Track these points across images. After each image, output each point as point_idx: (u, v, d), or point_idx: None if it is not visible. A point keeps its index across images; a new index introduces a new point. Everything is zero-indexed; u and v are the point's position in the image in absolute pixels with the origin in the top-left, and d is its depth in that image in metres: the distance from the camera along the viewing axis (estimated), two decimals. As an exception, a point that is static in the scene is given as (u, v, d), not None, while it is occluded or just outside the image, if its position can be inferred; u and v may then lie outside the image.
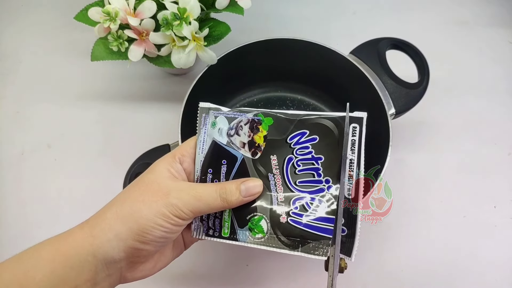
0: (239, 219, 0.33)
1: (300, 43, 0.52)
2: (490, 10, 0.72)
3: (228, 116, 0.35)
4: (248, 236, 0.32)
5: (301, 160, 0.33)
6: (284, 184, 0.32)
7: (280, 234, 0.32)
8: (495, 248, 0.52)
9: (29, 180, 0.56)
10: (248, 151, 0.33)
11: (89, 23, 0.50)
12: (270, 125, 0.33)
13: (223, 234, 0.33)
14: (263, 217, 0.32)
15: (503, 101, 0.63)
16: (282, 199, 0.32)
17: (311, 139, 0.33)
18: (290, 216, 0.32)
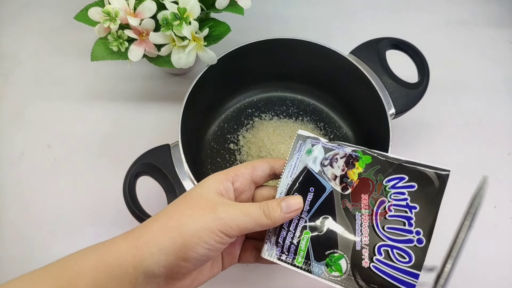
0: (317, 252, 0.31)
1: (300, 43, 0.52)
2: (490, 10, 0.73)
3: (326, 146, 0.34)
4: (324, 271, 0.31)
5: (394, 205, 0.31)
6: (371, 227, 0.31)
7: (359, 278, 0.30)
8: (495, 248, 0.52)
9: (29, 180, 0.56)
10: (339, 184, 0.32)
11: (89, 23, 0.50)
12: (368, 164, 0.32)
13: (296, 263, 0.32)
14: (344, 256, 0.30)
15: (503, 101, 0.63)
16: (366, 242, 0.31)
17: (409, 186, 0.32)
18: (373, 262, 0.30)
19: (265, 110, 0.59)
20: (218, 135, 0.57)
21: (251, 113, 0.59)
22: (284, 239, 0.32)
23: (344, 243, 0.31)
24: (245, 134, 0.57)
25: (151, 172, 0.44)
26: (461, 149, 0.59)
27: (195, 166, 0.52)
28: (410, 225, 0.31)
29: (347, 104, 0.57)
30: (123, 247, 0.28)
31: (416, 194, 0.31)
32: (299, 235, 0.32)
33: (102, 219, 0.53)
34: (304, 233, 0.32)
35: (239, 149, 0.56)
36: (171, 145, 0.46)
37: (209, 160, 0.55)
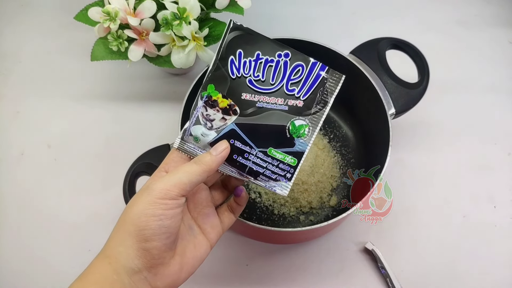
0: (286, 143, 0.34)
1: (300, 43, 0.52)
2: (490, 10, 0.73)
3: (194, 123, 0.35)
4: (303, 141, 0.35)
5: (254, 71, 0.35)
6: (273, 94, 0.34)
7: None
8: (495, 248, 0.52)
9: (29, 180, 0.56)
10: (230, 116, 0.34)
11: (89, 23, 0.50)
12: (216, 88, 0.34)
13: (293, 164, 0.35)
14: (302, 123, 0.35)
15: (503, 101, 0.63)
16: (283, 101, 0.35)
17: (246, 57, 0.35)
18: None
19: (265, 110, 0.59)
20: (218, 135, 0.57)
21: (251, 113, 0.59)
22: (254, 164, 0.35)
23: (281, 120, 0.34)
24: (245, 134, 0.57)
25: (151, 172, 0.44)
26: (461, 149, 0.59)
27: (195, 166, 0.52)
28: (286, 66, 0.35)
29: (347, 104, 0.57)
30: (97, 263, 0.29)
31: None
32: (266, 158, 0.34)
33: (101, 219, 0.53)
34: (269, 151, 0.34)
35: (239, 149, 0.56)
36: (171, 145, 0.46)
37: (209, 160, 0.55)
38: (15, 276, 0.50)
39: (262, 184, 0.35)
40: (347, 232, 0.52)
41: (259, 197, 0.52)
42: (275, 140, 0.34)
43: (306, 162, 0.52)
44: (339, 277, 0.50)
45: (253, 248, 0.51)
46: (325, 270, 0.50)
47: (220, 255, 0.51)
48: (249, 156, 0.34)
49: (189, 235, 0.33)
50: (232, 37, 0.34)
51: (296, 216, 0.52)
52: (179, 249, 0.32)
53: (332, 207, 0.52)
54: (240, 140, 0.34)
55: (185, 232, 0.33)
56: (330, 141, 0.57)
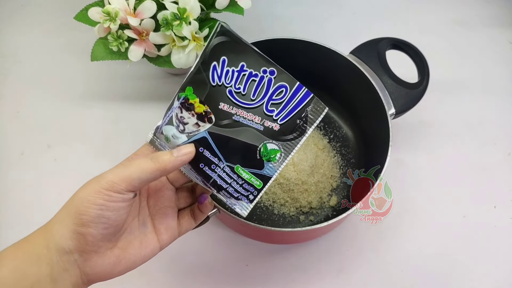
0: (255, 164, 0.33)
1: (300, 43, 0.52)
2: (490, 10, 0.73)
3: (166, 122, 0.34)
4: (272, 166, 0.33)
5: (235, 83, 0.33)
6: (251, 110, 0.33)
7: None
8: (495, 248, 0.52)
9: (29, 180, 0.56)
10: (205, 123, 0.33)
11: (89, 23, 0.50)
12: (194, 91, 0.33)
13: (258, 187, 0.33)
14: (274, 148, 0.33)
15: (503, 101, 0.63)
16: (260, 120, 0.33)
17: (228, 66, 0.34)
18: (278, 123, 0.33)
19: (265, 110, 0.59)
20: (218, 135, 0.57)
21: (251, 113, 0.59)
22: (227, 191, 0.34)
23: (254, 139, 0.33)
24: (245, 134, 0.57)
25: (151, 172, 0.44)
26: (461, 149, 0.59)
27: (195, 166, 0.52)
28: (269, 83, 0.34)
29: (347, 104, 0.57)
30: (36, 234, 0.30)
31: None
32: (232, 175, 0.33)
33: (102, 219, 0.53)
34: (236, 169, 0.33)
35: (239, 149, 0.56)
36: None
37: (209, 160, 0.55)
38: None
39: (223, 199, 0.34)
40: (347, 232, 0.52)
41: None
42: (244, 158, 0.33)
43: (306, 162, 0.52)
44: (339, 277, 0.50)
45: (252, 248, 0.51)
46: (325, 270, 0.50)
47: (220, 255, 0.51)
48: (216, 168, 0.33)
49: (139, 231, 0.33)
50: (218, 42, 0.33)
51: (296, 216, 0.52)
52: (121, 243, 0.31)
53: (332, 207, 0.52)
54: (209, 150, 0.33)
55: (136, 227, 0.33)
56: (330, 141, 0.57)
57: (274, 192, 0.52)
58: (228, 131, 0.33)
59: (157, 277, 0.50)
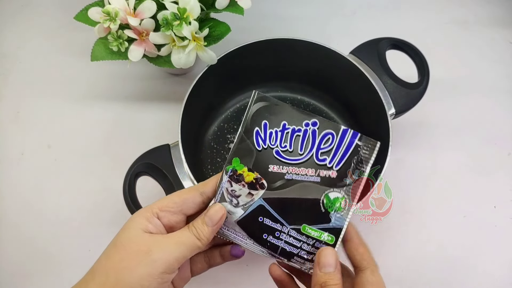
0: (321, 218, 0.32)
1: (300, 43, 0.52)
2: (490, 10, 0.73)
3: (218, 200, 0.32)
4: (339, 215, 0.32)
5: (280, 142, 0.33)
6: (302, 164, 0.33)
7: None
8: (495, 248, 0.52)
9: (29, 180, 0.56)
10: (257, 190, 0.32)
11: (89, 23, 0.50)
12: (241, 161, 0.33)
13: (330, 242, 0.32)
14: (337, 196, 0.32)
15: (503, 101, 0.63)
16: (314, 172, 0.33)
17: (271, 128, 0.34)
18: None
19: (265, 110, 0.59)
20: (218, 135, 0.57)
21: (251, 113, 0.59)
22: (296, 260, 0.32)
23: (313, 193, 0.32)
24: (245, 134, 0.57)
25: (151, 172, 0.44)
26: (460, 149, 0.59)
27: (195, 166, 0.52)
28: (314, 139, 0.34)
29: (347, 104, 0.57)
30: None
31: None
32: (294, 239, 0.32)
33: (102, 219, 0.53)
34: (303, 229, 0.32)
35: (239, 149, 0.56)
36: (171, 145, 0.46)
37: (209, 160, 0.55)
38: (15, 275, 0.50)
39: (297, 266, 0.32)
40: (347, 232, 0.52)
41: (259, 197, 0.52)
42: (308, 215, 0.32)
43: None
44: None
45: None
46: (325, 270, 0.50)
47: (220, 255, 0.51)
48: (281, 235, 0.31)
49: None
50: (256, 109, 0.33)
51: (296, 216, 0.52)
52: None
53: (332, 207, 0.52)
54: (269, 217, 0.31)
55: None
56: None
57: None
58: (284, 192, 0.32)
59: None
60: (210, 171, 0.54)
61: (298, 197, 0.32)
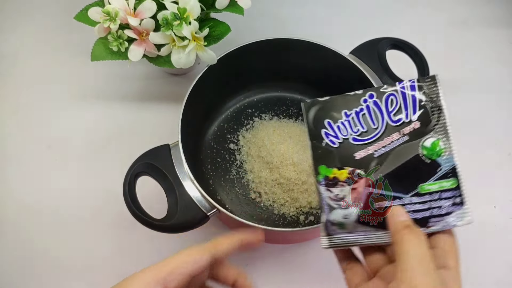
0: (431, 170, 0.31)
1: (300, 43, 0.52)
2: (490, 10, 0.73)
3: (328, 212, 0.32)
4: (445, 157, 0.31)
5: (351, 129, 0.33)
6: (383, 136, 0.32)
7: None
8: (495, 248, 0.52)
9: (30, 181, 0.56)
10: (358, 182, 0.32)
11: (89, 23, 0.50)
12: (328, 166, 0.33)
13: (453, 186, 0.31)
14: (433, 141, 0.32)
15: (503, 101, 0.63)
16: (398, 135, 0.32)
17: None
18: None
19: (265, 110, 0.59)
20: (218, 135, 0.57)
21: (251, 113, 0.59)
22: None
23: (410, 152, 0.31)
24: (245, 134, 0.57)
25: (151, 172, 0.44)
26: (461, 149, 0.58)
27: (195, 166, 0.52)
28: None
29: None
30: None
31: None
32: None
33: (102, 219, 0.53)
34: (421, 190, 0.31)
35: (239, 149, 0.56)
36: (171, 145, 0.46)
37: (209, 160, 0.55)
38: (16, 275, 0.50)
39: (437, 227, 0.30)
40: (347, 232, 0.53)
41: (259, 197, 0.52)
42: (419, 174, 0.31)
43: (306, 162, 0.52)
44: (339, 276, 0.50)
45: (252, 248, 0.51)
46: (324, 269, 0.50)
47: (220, 255, 0.51)
48: (405, 208, 0.30)
49: None
50: (312, 115, 0.33)
51: (296, 216, 0.52)
52: None
53: (332, 207, 0.52)
54: (386, 198, 0.31)
55: None
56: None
57: (274, 192, 0.52)
58: (382, 169, 0.31)
59: (157, 277, 0.50)
60: (210, 171, 0.54)
61: (399, 164, 0.31)
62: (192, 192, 0.43)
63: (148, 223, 0.41)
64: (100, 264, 0.50)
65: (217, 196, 0.53)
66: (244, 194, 0.53)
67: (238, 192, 0.53)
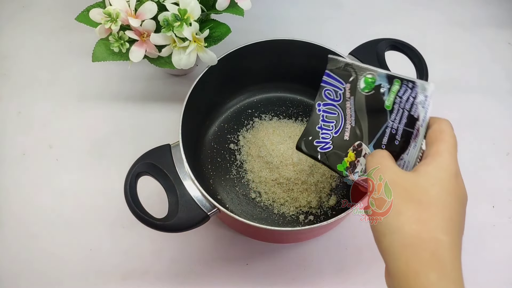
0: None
1: (300, 44, 0.53)
2: (489, 11, 0.73)
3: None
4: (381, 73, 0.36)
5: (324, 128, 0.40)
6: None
7: None
8: (494, 248, 0.52)
9: (31, 181, 0.56)
10: (362, 150, 0.36)
11: (90, 24, 0.50)
12: (336, 161, 0.38)
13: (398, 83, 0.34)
14: (364, 79, 0.37)
15: (501, 101, 0.63)
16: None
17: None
18: None
19: (265, 111, 0.59)
20: (219, 135, 0.58)
21: (251, 114, 0.59)
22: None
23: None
24: (245, 134, 0.57)
25: (152, 172, 0.44)
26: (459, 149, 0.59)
27: (196, 166, 0.52)
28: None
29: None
30: None
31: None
32: None
33: (103, 219, 0.53)
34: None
35: (239, 149, 0.56)
36: (171, 145, 0.46)
37: (210, 160, 0.56)
38: (16, 275, 0.50)
39: (421, 114, 0.32)
40: (347, 231, 0.53)
41: (259, 197, 0.53)
42: (379, 105, 0.34)
43: (305, 162, 0.52)
44: (339, 276, 0.50)
45: (252, 248, 0.52)
46: (324, 269, 0.51)
47: (219, 255, 0.51)
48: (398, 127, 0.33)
49: None
50: (306, 149, 0.41)
51: (296, 215, 0.52)
52: None
53: (331, 206, 0.53)
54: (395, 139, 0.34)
55: None
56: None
57: (274, 191, 0.52)
58: (363, 128, 0.37)
59: (158, 276, 0.50)
60: (211, 170, 0.55)
61: (365, 114, 0.36)
62: (192, 192, 0.43)
63: (149, 223, 0.41)
64: (101, 264, 0.50)
65: (218, 195, 0.53)
66: (244, 193, 0.53)
67: (238, 191, 0.53)
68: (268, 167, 0.53)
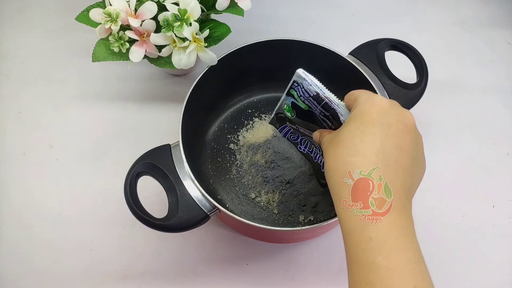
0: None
1: (299, 44, 0.53)
2: (488, 11, 0.73)
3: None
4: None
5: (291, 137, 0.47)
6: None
7: None
8: (494, 248, 0.52)
9: (31, 180, 0.56)
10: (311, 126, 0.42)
11: (90, 24, 0.50)
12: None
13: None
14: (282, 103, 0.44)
15: (501, 101, 0.63)
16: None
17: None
18: None
19: (265, 111, 0.59)
20: (219, 135, 0.58)
21: (251, 113, 0.59)
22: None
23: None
24: (245, 134, 0.57)
25: (152, 172, 0.44)
26: (459, 149, 0.59)
27: (196, 166, 0.52)
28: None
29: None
30: None
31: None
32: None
33: (103, 219, 0.53)
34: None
35: (239, 149, 0.56)
36: (171, 145, 0.46)
37: (210, 160, 0.56)
38: (17, 275, 0.50)
39: (331, 97, 0.39)
40: (347, 231, 0.53)
41: (259, 197, 0.53)
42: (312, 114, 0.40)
43: (306, 162, 0.52)
44: (339, 276, 0.50)
45: (252, 248, 0.52)
46: (324, 269, 0.51)
47: (219, 255, 0.51)
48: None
49: None
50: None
51: (296, 215, 0.52)
52: None
53: (331, 206, 0.53)
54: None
55: None
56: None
57: (274, 191, 0.52)
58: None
59: (158, 276, 0.50)
60: (211, 170, 0.55)
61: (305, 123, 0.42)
62: (192, 192, 0.43)
63: (149, 223, 0.41)
64: (101, 264, 0.50)
65: (218, 195, 0.53)
66: (244, 193, 0.53)
67: (238, 191, 0.53)
68: (268, 167, 0.53)
